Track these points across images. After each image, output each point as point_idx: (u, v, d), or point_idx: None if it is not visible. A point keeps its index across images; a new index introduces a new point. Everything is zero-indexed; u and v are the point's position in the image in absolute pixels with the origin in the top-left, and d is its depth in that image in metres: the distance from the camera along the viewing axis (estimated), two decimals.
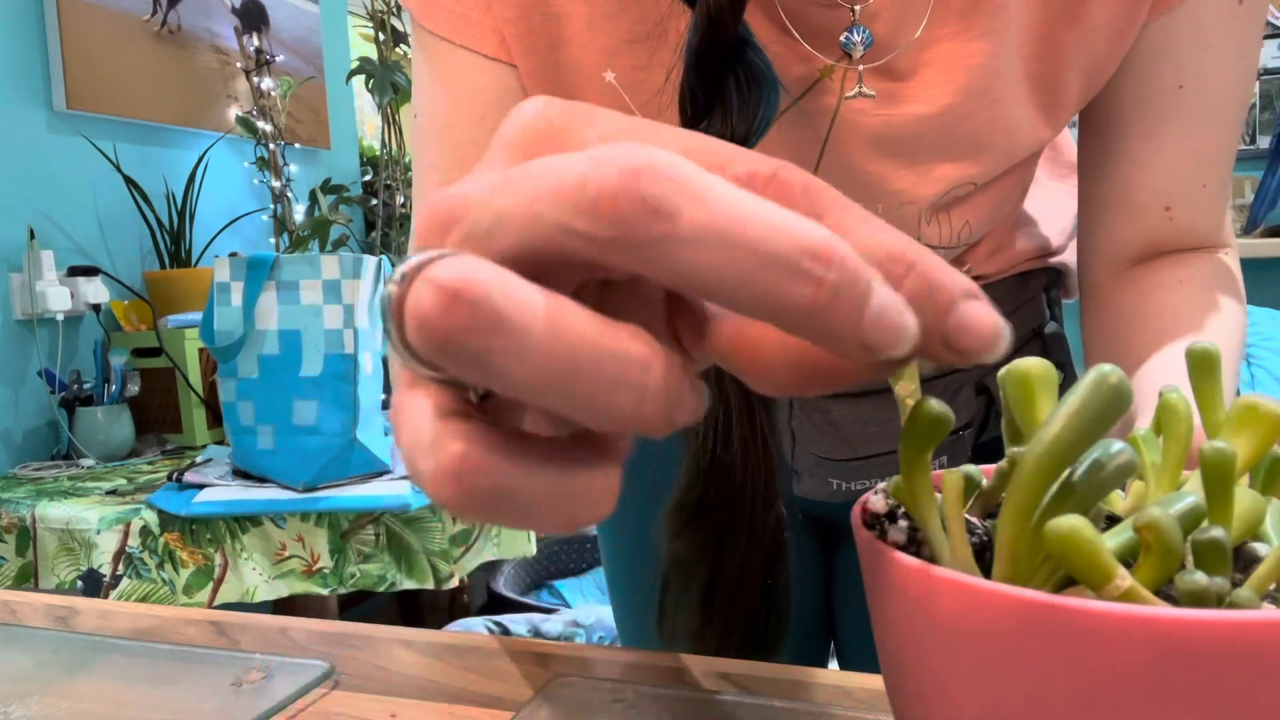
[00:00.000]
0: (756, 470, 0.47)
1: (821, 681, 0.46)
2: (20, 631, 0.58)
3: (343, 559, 1.45)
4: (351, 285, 1.43)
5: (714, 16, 0.42)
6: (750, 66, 0.43)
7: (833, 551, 0.80)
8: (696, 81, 0.43)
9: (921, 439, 0.22)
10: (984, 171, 0.54)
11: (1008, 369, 0.24)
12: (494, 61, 0.53)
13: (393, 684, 0.51)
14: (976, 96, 0.50)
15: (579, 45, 0.51)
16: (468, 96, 0.54)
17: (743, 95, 0.43)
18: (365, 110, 2.78)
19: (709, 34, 0.42)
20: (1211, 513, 0.21)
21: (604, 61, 0.51)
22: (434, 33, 0.53)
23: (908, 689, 0.22)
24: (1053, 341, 0.68)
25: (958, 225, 0.57)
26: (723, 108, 0.43)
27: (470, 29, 0.52)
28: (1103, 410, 0.19)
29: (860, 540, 0.22)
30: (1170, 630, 0.17)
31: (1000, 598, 0.18)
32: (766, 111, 0.43)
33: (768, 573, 0.48)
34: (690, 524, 0.47)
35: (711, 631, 0.48)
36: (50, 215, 1.84)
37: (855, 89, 0.49)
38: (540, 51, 0.52)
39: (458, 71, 0.53)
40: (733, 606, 0.48)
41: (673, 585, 0.50)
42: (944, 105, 0.50)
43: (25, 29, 1.80)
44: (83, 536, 1.35)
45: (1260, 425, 0.23)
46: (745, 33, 0.44)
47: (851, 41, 0.48)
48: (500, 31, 0.52)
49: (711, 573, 0.48)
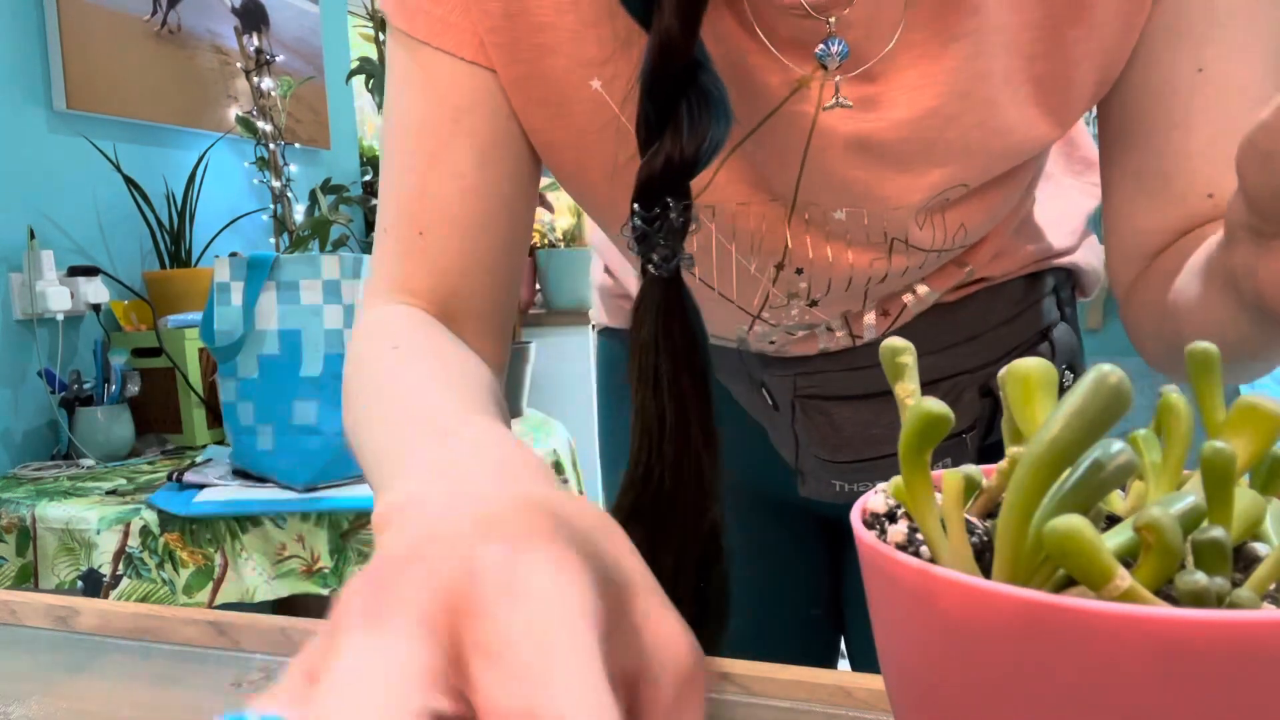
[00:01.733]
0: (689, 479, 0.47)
1: (822, 681, 0.46)
2: (20, 631, 0.58)
3: (343, 559, 1.45)
4: (351, 285, 1.43)
5: (666, 41, 0.42)
6: (702, 90, 0.43)
7: (841, 551, 0.80)
8: (649, 104, 0.43)
9: (920, 439, 0.22)
10: (976, 174, 0.53)
11: (1008, 369, 0.24)
12: (471, 65, 0.52)
13: None
14: (959, 99, 0.49)
15: (565, 55, 0.51)
16: (442, 99, 0.53)
17: (694, 118, 0.43)
18: (365, 110, 2.79)
19: (662, 58, 0.42)
20: (1211, 513, 0.21)
21: (590, 71, 0.51)
22: (412, 36, 0.52)
23: (908, 689, 0.22)
24: (1060, 343, 0.67)
25: (952, 228, 0.56)
26: (674, 130, 0.43)
27: (449, 32, 0.52)
28: (1103, 410, 0.19)
29: (860, 540, 0.22)
30: (1170, 630, 0.17)
31: (1000, 598, 0.18)
32: (716, 134, 0.43)
33: (701, 576, 0.48)
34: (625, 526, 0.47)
35: None
36: (50, 215, 1.84)
37: (833, 99, 0.49)
38: (525, 61, 0.52)
39: (434, 74, 0.53)
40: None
41: None
42: (925, 109, 0.49)
43: (25, 29, 1.80)
44: (83, 536, 1.35)
45: (1260, 425, 0.23)
46: (701, 55, 0.44)
47: (828, 53, 0.48)
48: (479, 35, 0.52)
49: None
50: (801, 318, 0.60)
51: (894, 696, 0.23)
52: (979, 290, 0.64)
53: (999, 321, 0.65)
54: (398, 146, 0.54)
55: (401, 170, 0.54)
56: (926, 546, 0.22)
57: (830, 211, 0.54)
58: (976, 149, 0.51)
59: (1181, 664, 0.17)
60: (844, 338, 0.62)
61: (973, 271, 0.62)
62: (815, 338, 0.63)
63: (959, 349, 0.64)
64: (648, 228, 0.44)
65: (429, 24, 0.52)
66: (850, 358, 0.64)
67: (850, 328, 0.62)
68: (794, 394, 0.65)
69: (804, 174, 0.52)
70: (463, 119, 0.53)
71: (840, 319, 0.62)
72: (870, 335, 0.62)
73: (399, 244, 0.55)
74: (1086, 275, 0.70)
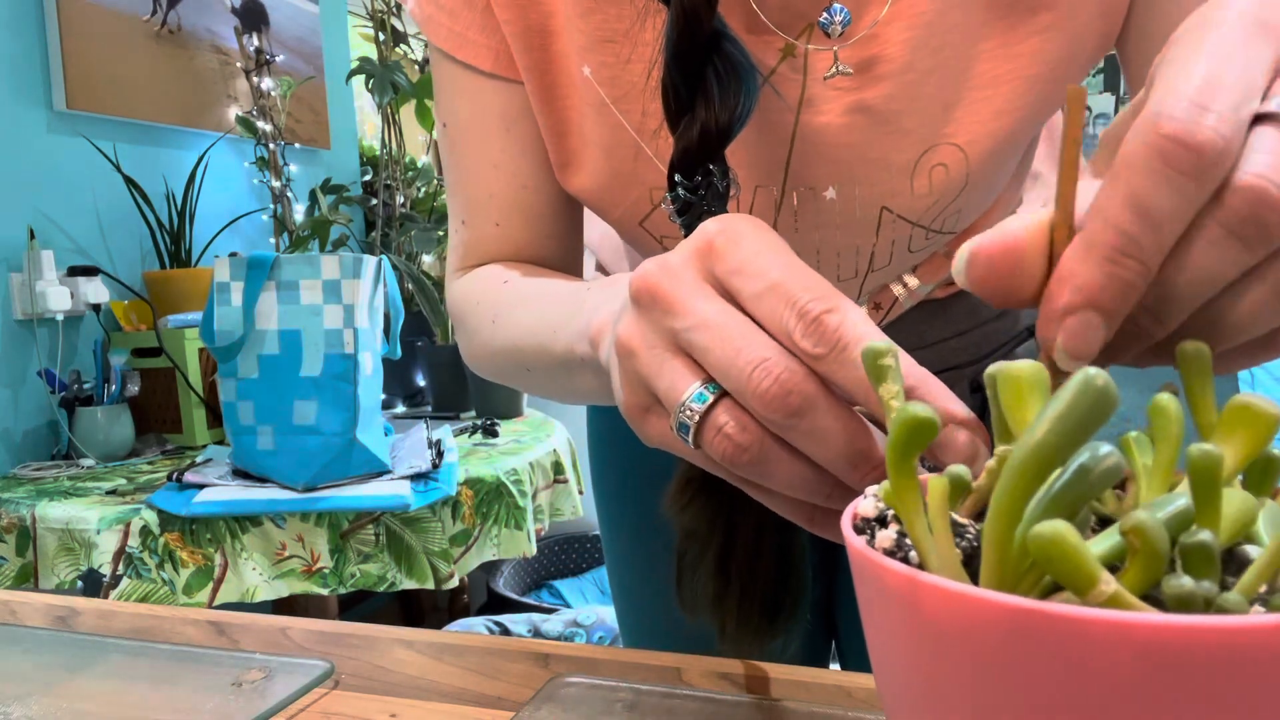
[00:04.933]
0: None
1: (821, 681, 0.46)
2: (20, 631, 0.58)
3: (343, 559, 1.46)
4: (351, 285, 1.43)
5: (689, 12, 0.43)
6: (728, 58, 0.44)
7: (833, 553, 0.80)
8: (678, 76, 0.44)
9: (907, 444, 0.22)
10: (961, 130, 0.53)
11: (997, 370, 0.24)
12: (495, 79, 0.56)
13: (393, 684, 0.51)
14: (935, 52, 0.50)
15: (566, 38, 0.53)
16: (484, 111, 0.58)
17: (723, 86, 0.44)
18: (365, 110, 2.78)
19: (686, 29, 0.43)
20: (1199, 516, 0.21)
21: (581, 59, 0.53)
22: (439, 48, 0.57)
23: (898, 694, 0.22)
24: None
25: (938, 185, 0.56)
26: (704, 100, 0.44)
27: (467, 48, 0.56)
28: (1089, 413, 0.19)
29: (850, 546, 0.22)
30: (1156, 635, 0.17)
31: (985, 604, 0.18)
32: (747, 101, 0.44)
33: (782, 537, 0.48)
34: (699, 496, 0.47)
35: (730, 597, 0.48)
36: (50, 215, 1.84)
37: (832, 68, 0.50)
38: (535, 48, 0.54)
39: (469, 86, 0.58)
40: (750, 572, 0.48)
41: (688, 556, 0.50)
42: (903, 63, 0.50)
43: (25, 29, 1.80)
44: (83, 536, 1.35)
45: (1253, 425, 0.23)
46: (720, 25, 0.44)
47: (831, 21, 0.49)
48: (498, 50, 0.55)
49: (725, 541, 0.48)
50: None
51: (885, 701, 0.23)
52: None
53: (989, 317, 0.66)
54: (459, 151, 0.60)
55: (467, 172, 0.60)
56: (915, 552, 0.22)
57: (821, 191, 0.54)
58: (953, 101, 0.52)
59: (1167, 669, 0.17)
60: None
61: None
62: None
63: (949, 344, 0.65)
64: (692, 197, 0.45)
65: (450, 38, 0.56)
66: None
67: None
68: None
69: (794, 151, 0.53)
70: (513, 128, 0.58)
71: None
72: None
73: (476, 232, 0.61)
74: None
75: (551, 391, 0.55)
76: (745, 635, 0.49)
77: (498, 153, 0.59)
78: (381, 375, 1.56)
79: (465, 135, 0.59)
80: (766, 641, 0.49)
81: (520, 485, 1.65)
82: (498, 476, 1.62)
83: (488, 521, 1.60)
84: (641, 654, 0.50)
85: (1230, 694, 0.17)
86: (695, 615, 0.50)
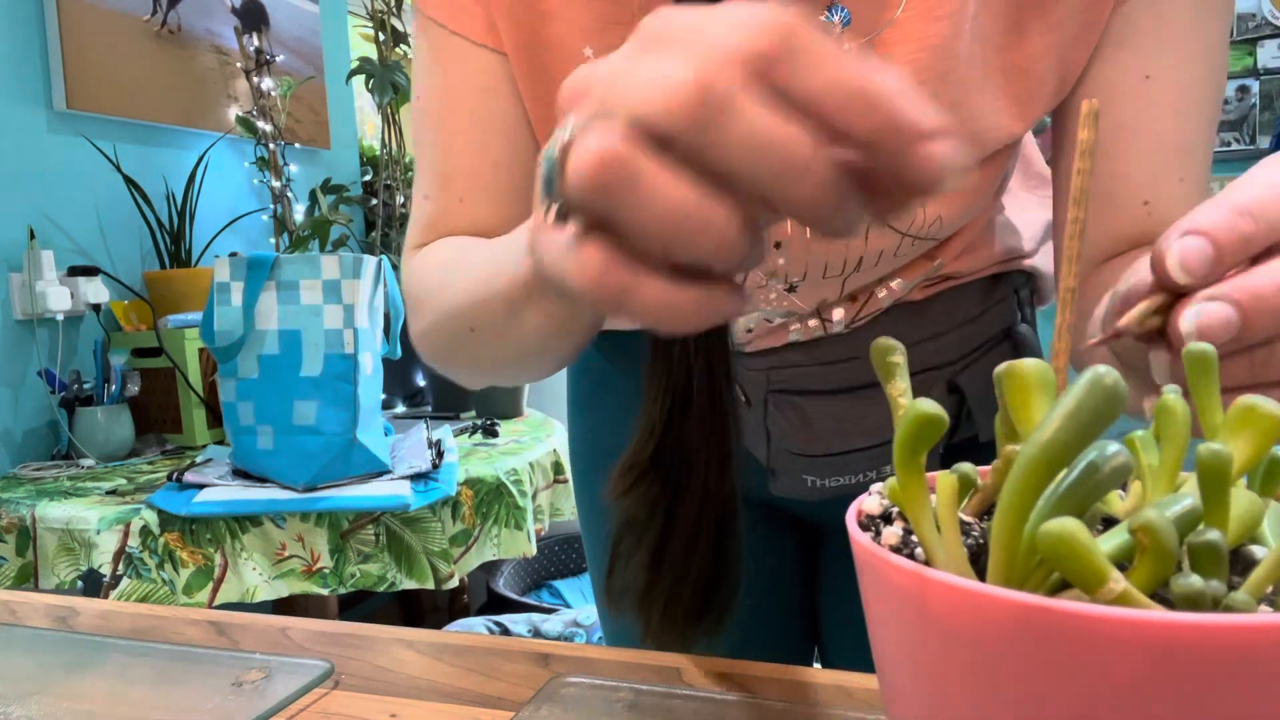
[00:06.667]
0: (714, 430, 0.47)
1: (821, 681, 0.46)
2: (20, 631, 0.58)
3: (343, 559, 1.45)
4: (351, 285, 1.43)
5: None
6: None
7: (815, 553, 0.80)
8: None
9: (915, 440, 0.22)
10: None
11: (1005, 369, 0.24)
12: (482, 48, 0.56)
13: (393, 684, 0.51)
14: (938, 78, 0.51)
15: (563, 20, 0.53)
16: (468, 80, 0.57)
17: None
18: (365, 110, 2.78)
19: None
20: (1207, 515, 0.21)
21: (584, 39, 0.53)
22: (431, 17, 0.57)
23: (901, 692, 0.22)
24: (1023, 342, 0.69)
25: (930, 215, 0.57)
26: None
27: (462, 16, 0.56)
28: (1098, 411, 0.19)
29: (855, 543, 0.22)
30: (1164, 634, 0.17)
31: (993, 601, 0.18)
32: None
33: (720, 533, 0.48)
34: (640, 481, 0.47)
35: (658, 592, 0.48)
36: (50, 215, 1.84)
37: None
38: (526, 27, 0.54)
39: (454, 55, 0.57)
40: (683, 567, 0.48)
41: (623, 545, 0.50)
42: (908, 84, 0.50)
43: (25, 29, 1.80)
44: (83, 536, 1.35)
45: (1259, 426, 0.23)
46: None
47: (830, 22, 0.49)
48: (490, 20, 0.55)
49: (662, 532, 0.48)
50: (779, 303, 0.61)
51: (887, 699, 0.23)
52: (945, 289, 0.66)
53: (964, 319, 0.67)
54: (431, 123, 0.59)
55: (436, 146, 0.59)
56: (921, 549, 0.22)
57: None
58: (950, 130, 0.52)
59: (1175, 668, 0.17)
60: (815, 326, 0.63)
61: (941, 265, 0.63)
62: (787, 327, 0.63)
63: (926, 345, 0.65)
64: None
65: (443, 6, 0.56)
66: (821, 352, 0.65)
67: (821, 316, 0.63)
68: (768, 389, 0.66)
69: None
70: (489, 100, 0.57)
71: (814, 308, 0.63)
72: (839, 325, 0.63)
73: (440, 205, 0.60)
74: (1045, 281, 0.72)
75: (496, 353, 0.51)
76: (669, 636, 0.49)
77: (469, 124, 0.58)
78: (381, 375, 1.55)
79: (441, 106, 0.58)
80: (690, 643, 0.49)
81: (520, 485, 1.65)
82: (498, 476, 1.62)
83: (488, 521, 1.60)
84: (641, 654, 0.50)
85: (1237, 692, 0.17)
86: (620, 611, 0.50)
